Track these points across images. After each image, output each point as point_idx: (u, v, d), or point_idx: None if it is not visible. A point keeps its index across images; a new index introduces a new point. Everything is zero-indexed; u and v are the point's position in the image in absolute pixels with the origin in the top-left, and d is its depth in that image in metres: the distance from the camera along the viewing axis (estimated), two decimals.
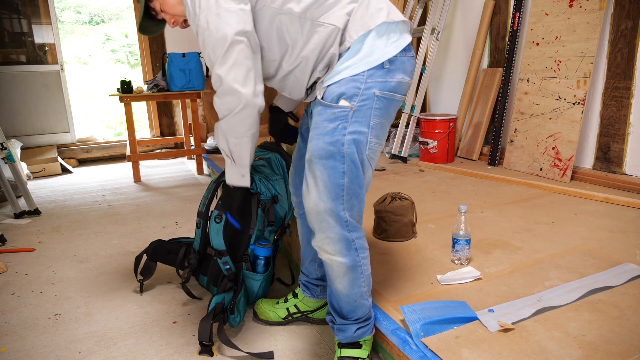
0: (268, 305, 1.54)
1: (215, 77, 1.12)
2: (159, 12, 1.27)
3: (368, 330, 1.25)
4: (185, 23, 1.27)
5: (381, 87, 1.09)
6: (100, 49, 8.95)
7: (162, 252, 1.80)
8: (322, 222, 1.12)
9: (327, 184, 1.09)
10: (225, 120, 1.17)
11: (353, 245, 1.14)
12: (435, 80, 4.22)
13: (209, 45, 1.09)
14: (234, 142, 1.21)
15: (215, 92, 1.15)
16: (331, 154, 1.08)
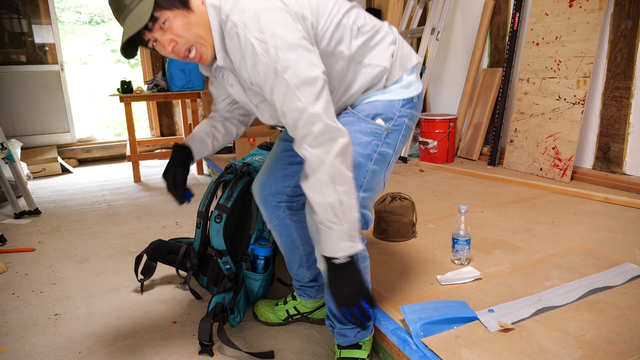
0: (267, 307, 1.54)
1: (309, 118, 0.95)
2: (151, 38, 1.02)
3: (367, 332, 1.25)
4: (190, 52, 1.04)
5: (409, 117, 1.19)
6: (100, 49, 8.95)
7: (162, 252, 1.80)
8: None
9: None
10: (329, 166, 0.96)
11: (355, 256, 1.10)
12: (435, 80, 4.22)
13: (294, 86, 0.95)
14: (343, 190, 0.98)
15: (304, 141, 0.97)
16: (358, 164, 1.10)
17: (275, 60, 0.94)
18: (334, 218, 0.98)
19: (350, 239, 1.00)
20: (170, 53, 1.04)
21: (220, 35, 1.03)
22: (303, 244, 1.40)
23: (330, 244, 1.00)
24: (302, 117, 0.96)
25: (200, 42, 1.03)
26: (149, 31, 1.00)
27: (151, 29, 0.99)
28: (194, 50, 1.03)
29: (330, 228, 0.99)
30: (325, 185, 0.97)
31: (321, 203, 0.98)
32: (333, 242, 1.00)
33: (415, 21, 3.98)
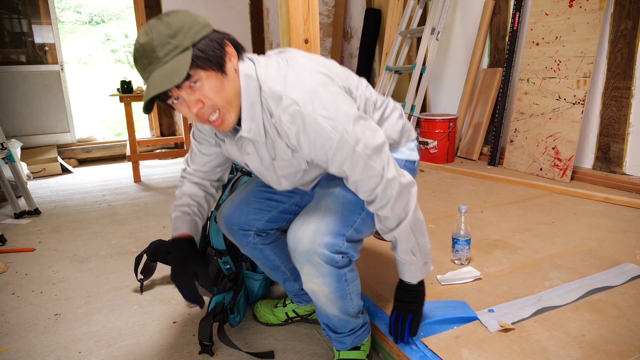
0: (267, 308, 1.53)
1: (387, 184, 0.99)
2: (177, 95, 0.94)
3: (365, 335, 1.24)
4: (212, 115, 0.97)
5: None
6: (100, 49, 8.95)
7: (162, 252, 1.80)
8: (311, 259, 1.05)
9: (341, 215, 1.09)
10: (409, 220, 1.05)
11: (343, 277, 1.09)
12: (435, 80, 4.22)
13: (367, 156, 0.97)
14: (420, 233, 1.10)
15: (386, 206, 1.02)
16: (355, 203, 1.12)
17: (344, 135, 0.94)
18: (413, 257, 1.11)
19: (425, 267, 1.16)
20: (193, 114, 0.96)
21: (251, 106, 1.00)
22: (282, 261, 1.40)
23: (410, 274, 1.16)
24: (380, 184, 1.00)
25: (227, 108, 0.97)
26: (177, 88, 0.92)
27: (180, 87, 0.92)
28: (217, 114, 0.97)
29: (410, 263, 1.13)
30: (408, 235, 1.07)
31: (404, 249, 1.10)
32: (412, 273, 1.15)
33: (415, 21, 3.98)
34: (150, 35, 0.89)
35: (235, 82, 0.98)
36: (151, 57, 0.90)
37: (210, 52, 0.92)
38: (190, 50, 0.90)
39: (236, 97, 0.99)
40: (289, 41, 1.73)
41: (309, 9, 1.73)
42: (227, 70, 0.96)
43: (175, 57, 0.89)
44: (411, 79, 3.71)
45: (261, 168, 1.14)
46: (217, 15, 5.10)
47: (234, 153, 1.17)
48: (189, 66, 0.89)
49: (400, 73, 4.14)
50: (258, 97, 1.00)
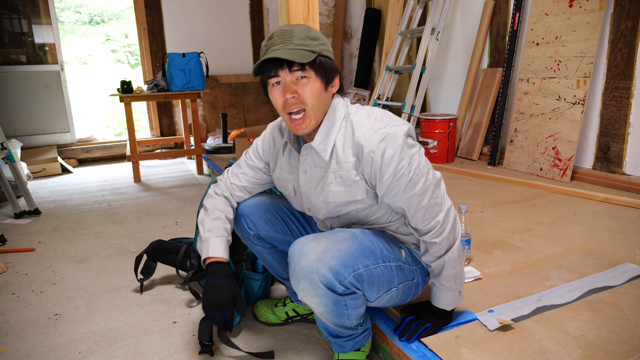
0: (267, 307, 1.53)
1: (446, 213, 1.12)
2: (283, 76, 1.06)
3: (366, 339, 1.23)
4: (299, 114, 1.07)
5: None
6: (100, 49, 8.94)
7: (162, 252, 1.80)
8: (310, 277, 1.03)
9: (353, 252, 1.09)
10: (457, 245, 1.17)
11: (342, 302, 1.07)
12: (435, 80, 4.22)
13: (433, 185, 1.10)
14: (461, 258, 1.20)
15: (442, 231, 1.12)
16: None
17: (421, 163, 1.08)
18: (454, 284, 1.18)
19: (460, 296, 1.22)
20: (283, 100, 1.07)
21: (330, 127, 1.12)
22: (280, 264, 1.41)
23: (445, 301, 1.21)
24: (442, 212, 1.11)
25: (311, 113, 1.08)
26: (289, 71, 1.05)
27: (292, 71, 1.05)
28: (303, 114, 1.08)
29: (450, 290, 1.19)
30: (454, 261, 1.15)
31: (449, 275, 1.16)
32: (448, 300, 1.21)
33: (415, 21, 3.98)
34: (293, 28, 1.05)
35: (327, 103, 1.12)
36: (285, 40, 1.03)
37: (328, 68, 1.08)
38: (316, 55, 1.05)
39: (321, 113, 1.11)
40: None
41: (309, 9, 1.73)
42: (328, 90, 1.11)
43: (304, 50, 1.03)
44: (411, 79, 3.71)
45: (309, 189, 1.19)
46: (217, 15, 5.10)
47: (285, 170, 1.25)
48: (310, 60, 1.03)
49: (400, 73, 4.14)
50: (339, 123, 1.12)
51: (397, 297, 1.20)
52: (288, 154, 1.24)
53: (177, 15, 4.94)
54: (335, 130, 1.11)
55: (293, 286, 1.09)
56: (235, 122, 5.33)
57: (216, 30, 5.12)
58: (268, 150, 1.31)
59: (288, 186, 1.26)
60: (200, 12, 5.02)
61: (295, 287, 1.08)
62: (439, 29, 3.62)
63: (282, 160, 1.26)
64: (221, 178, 1.39)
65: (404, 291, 1.21)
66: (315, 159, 1.15)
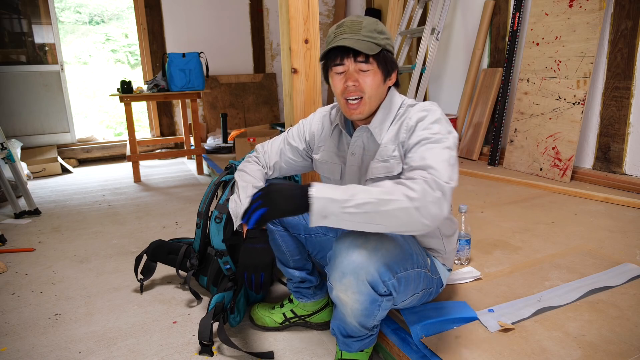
0: (264, 310, 1.52)
1: (437, 184, 1.00)
2: (348, 64, 1.11)
3: (373, 341, 1.23)
4: (356, 100, 1.12)
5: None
6: (100, 49, 8.94)
7: (162, 252, 1.80)
8: (359, 272, 1.02)
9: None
10: (408, 202, 1.00)
11: (378, 302, 1.07)
12: (435, 80, 4.22)
13: (447, 154, 1.06)
14: (384, 215, 1.06)
15: (419, 178, 1.00)
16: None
17: (447, 134, 1.08)
18: (350, 197, 0.96)
19: (340, 213, 0.96)
20: (343, 86, 1.13)
21: (387, 114, 1.18)
22: (288, 249, 1.39)
23: (325, 192, 0.98)
24: (438, 177, 1.00)
25: (368, 101, 1.14)
26: (355, 61, 1.11)
27: (358, 61, 1.11)
28: (360, 101, 1.14)
29: (343, 195, 0.96)
30: (386, 194, 0.96)
31: (367, 194, 0.96)
32: (326, 194, 0.97)
33: (415, 21, 3.98)
34: (362, 20, 1.11)
35: (383, 94, 1.18)
36: (355, 30, 1.10)
37: (389, 61, 1.15)
38: (381, 48, 1.11)
39: (376, 102, 1.16)
40: (289, 41, 1.73)
41: (309, 9, 1.73)
42: (386, 82, 1.17)
43: (371, 42, 1.09)
44: (411, 79, 3.71)
45: (355, 170, 1.23)
46: (217, 15, 5.10)
47: (333, 152, 1.29)
48: (376, 52, 1.09)
49: (400, 73, 4.13)
50: (395, 111, 1.19)
51: (414, 302, 1.23)
52: (337, 137, 1.29)
53: (177, 15, 4.94)
54: (390, 118, 1.18)
55: (333, 279, 1.05)
56: (235, 122, 5.33)
57: (216, 30, 5.12)
58: (316, 133, 1.34)
59: (334, 169, 1.30)
60: (200, 12, 5.02)
61: (336, 280, 1.04)
62: (439, 29, 3.62)
63: (330, 143, 1.30)
64: (259, 149, 1.41)
65: (420, 298, 1.24)
66: (366, 142, 1.21)
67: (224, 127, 4.64)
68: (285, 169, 1.41)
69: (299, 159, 1.39)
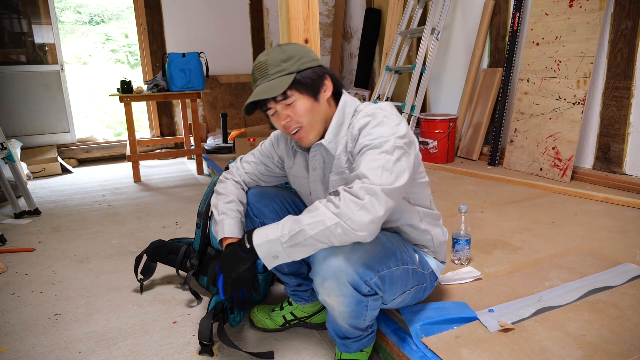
0: (264, 313, 1.52)
1: (369, 191, 1.02)
2: (273, 107, 1.13)
3: (371, 341, 1.23)
4: (297, 131, 1.14)
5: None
6: (100, 49, 8.94)
7: (162, 252, 1.80)
8: (338, 275, 1.04)
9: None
10: (335, 219, 1.03)
11: (364, 303, 1.08)
12: (435, 80, 4.22)
13: (388, 160, 1.06)
14: (325, 235, 1.07)
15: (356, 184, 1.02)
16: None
17: (391, 139, 1.06)
18: (286, 231, 1.02)
19: (281, 249, 1.03)
20: (281, 125, 1.16)
21: (339, 125, 1.16)
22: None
23: (265, 233, 1.06)
24: (371, 184, 1.01)
25: (309, 127, 1.15)
26: (275, 102, 1.12)
27: (278, 101, 1.12)
28: (302, 131, 1.15)
29: (280, 230, 1.03)
30: (319, 227, 0.99)
31: (314, 216, 1.01)
32: (267, 236, 1.05)
33: (415, 21, 3.98)
34: (267, 57, 1.12)
35: (324, 109, 1.16)
36: (263, 73, 1.11)
37: (309, 81, 1.12)
38: (294, 75, 1.10)
39: (321, 122, 1.16)
40: (289, 41, 1.73)
41: (309, 9, 1.73)
42: (319, 98, 1.14)
43: (281, 77, 1.10)
44: (411, 79, 3.71)
45: (319, 184, 1.24)
46: (217, 15, 5.11)
47: (298, 168, 1.30)
48: (287, 85, 1.08)
49: (400, 73, 4.14)
50: (348, 120, 1.17)
51: (407, 300, 1.23)
52: (300, 154, 1.30)
53: (177, 15, 4.94)
54: (344, 129, 1.17)
55: (316, 285, 1.08)
56: (235, 122, 5.33)
57: (216, 30, 5.12)
58: (284, 146, 1.36)
59: (303, 183, 1.31)
60: (200, 12, 5.02)
61: (319, 285, 1.07)
62: (439, 29, 3.62)
63: (300, 157, 1.30)
64: (233, 166, 1.42)
65: (414, 295, 1.23)
66: (325, 155, 1.20)
67: (224, 127, 4.64)
68: (266, 179, 1.41)
69: (277, 169, 1.39)
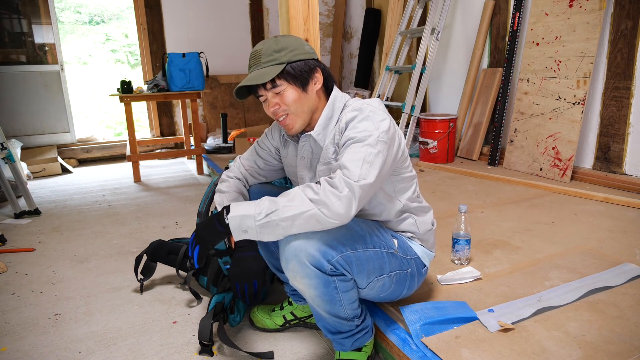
0: (264, 313, 1.52)
1: (348, 185, 1.06)
2: (264, 94, 1.19)
3: (366, 338, 1.23)
4: (285, 118, 1.20)
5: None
6: (100, 49, 8.94)
7: (162, 252, 1.80)
8: (298, 255, 1.06)
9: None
10: (311, 212, 1.07)
11: (332, 284, 1.08)
12: (435, 80, 4.22)
13: (369, 155, 1.09)
14: (304, 221, 1.10)
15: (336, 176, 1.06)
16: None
17: (374, 133, 1.10)
18: (262, 209, 1.04)
19: (258, 228, 1.05)
20: (270, 112, 1.21)
21: (329, 119, 1.22)
22: (277, 248, 1.39)
23: (240, 210, 1.07)
24: (350, 177, 1.05)
25: (296, 116, 1.20)
26: (265, 89, 1.18)
27: (267, 89, 1.17)
28: (289, 118, 1.20)
29: (255, 209, 1.05)
30: (293, 208, 1.02)
31: (290, 199, 1.04)
32: (242, 211, 1.06)
33: (415, 21, 3.98)
34: (262, 46, 1.18)
35: (312, 101, 1.21)
36: (257, 61, 1.17)
37: (299, 72, 1.17)
38: (284, 65, 1.15)
39: (308, 112, 1.21)
40: None
41: (309, 9, 1.73)
42: (308, 90, 1.20)
43: (271, 66, 1.15)
44: (411, 79, 3.71)
45: (306, 172, 1.29)
46: (217, 15, 5.10)
47: (291, 157, 1.36)
48: (276, 74, 1.14)
49: (400, 73, 4.14)
50: (338, 114, 1.22)
51: (391, 285, 1.22)
52: (292, 144, 1.34)
53: (177, 15, 4.94)
54: (333, 122, 1.22)
55: (284, 269, 1.10)
56: (235, 122, 5.33)
57: (216, 31, 5.12)
58: (278, 137, 1.40)
59: (295, 172, 1.35)
60: (200, 12, 5.02)
61: (285, 269, 1.10)
62: (439, 29, 3.62)
63: (292, 147, 1.35)
64: (233, 164, 1.46)
65: (397, 280, 1.22)
66: (313, 145, 1.25)
67: (224, 127, 4.64)
68: (267, 173, 1.45)
69: (275, 161, 1.43)
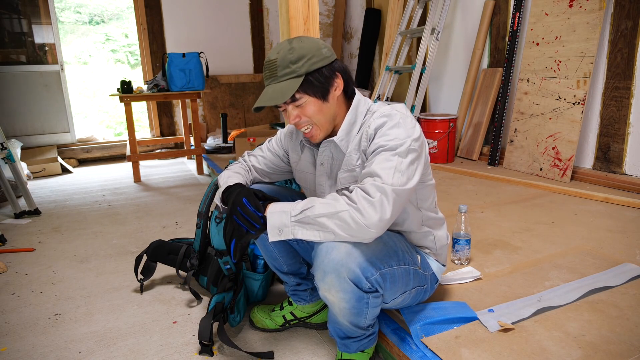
0: (264, 313, 1.52)
1: (382, 190, 1.05)
2: (283, 107, 1.15)
3: (372, 342, 1.23)
4: (307, 129, 1.16)
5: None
6: (100, 49, 8.93)
7: (162, 252, 1.80)
8: (339, 270, 1.03)
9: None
10: (346, 210, 1.05)
11: (365, 300, 1.07)
12: (435, 80, 4.22)
13: (401, 165, 1.08)
14: (337, 224, 1.08)
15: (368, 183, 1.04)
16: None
17: (406, 141, 1.08)
18: (298, 211, 1.04)
19: (290, 225, 1.04)
20: (291, 123, 1.17)
21: (352, 124, 1.18)
22: (282, 255, 1.39)
23: (279, 207, 1.06)
24: (384, 184, 1.04)
25: (319, 126, 1.16)
26: (285, 103, 1.13)
27: (287, 102, 1.13)
28: (311, 128, 1.17)
29: (293, 210, 1.04)
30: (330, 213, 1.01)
31: (317, 211, 1.03)
32: (279, 207, 1.06)
33: (415, 21, 3.98)
34: (277, 56, 1.10)
35: (333, 108, 1.16)
36: (272, 73, 1.11)
37: (318, 83, 1.11)
38: (302, 77, 1.09)
39: (330, 120, 1.17)
40: None
41: (309, 9, 1.73)
42: (329, 98, 1.14)
43: (290, 79, 1.10)
44: (411, 79, 3.71)
45: (325, 179, 1.26)
46: (217, 15, 5.10)
47: (305, 163, 1.32)
48: (296, 88, 1.08)
49: (400, 73, 4.14)
50: (361, 119, 1.18)
51: (408, 300, 1.23)
52: (308, 149, 1.30)
53: (177, 15, 4.94)
54: (357, 127, 1.18)
55: (317, 280, 1.07)
56: (235, 122, 5.33)
57: (216, 30, 5.12)
58: (289, 141, 1.38)
59: (309, 178, 1.32)
60: (200, 12, 5.02)
61: (320, 280, 1.06)
62: (439, 29, 3.62)
63: (307, 153, 1.31)
64: (241, 159, 1.44)
65: (414, 296, 1.24)
66: (334, 151, 1.21)
67: (224, 127, 4.64)
68: (272, 174, 1.43)
69: (283, 164, 1.41)
